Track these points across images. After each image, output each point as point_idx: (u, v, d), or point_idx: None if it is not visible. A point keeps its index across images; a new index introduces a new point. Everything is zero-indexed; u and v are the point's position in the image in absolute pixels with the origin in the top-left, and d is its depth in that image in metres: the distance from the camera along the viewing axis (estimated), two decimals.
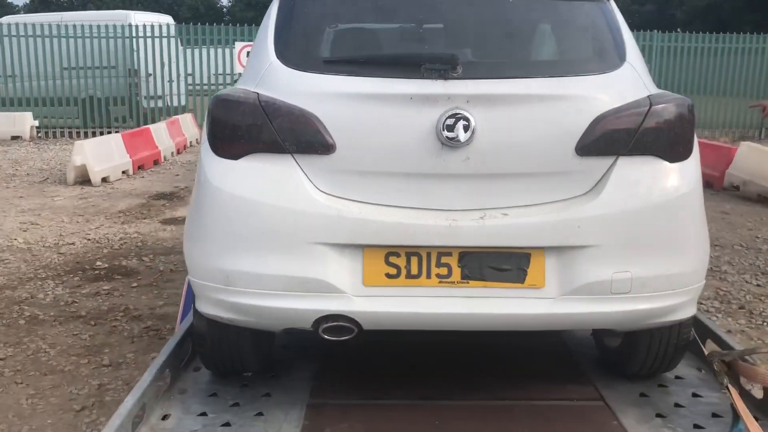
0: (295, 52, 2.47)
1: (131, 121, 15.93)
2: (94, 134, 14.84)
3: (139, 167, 11.08)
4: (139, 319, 4.68)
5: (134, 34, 15.83)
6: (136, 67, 15.92)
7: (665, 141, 2.38)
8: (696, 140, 2.53)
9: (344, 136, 2.32)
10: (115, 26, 15.76)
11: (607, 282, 2.32)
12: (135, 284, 5.45)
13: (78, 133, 15.70)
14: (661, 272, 2.37)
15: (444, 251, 2.32)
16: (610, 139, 2.34)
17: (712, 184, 9.66)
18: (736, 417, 2.35)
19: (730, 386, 2.45)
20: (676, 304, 2.44)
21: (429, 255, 2.32)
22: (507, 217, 2.31)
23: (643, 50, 16.42)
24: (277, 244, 2.31)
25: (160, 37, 15.94)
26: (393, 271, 2.32)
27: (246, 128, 2.35)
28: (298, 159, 2.34)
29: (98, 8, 52.98)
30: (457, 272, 2.32)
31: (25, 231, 7.19)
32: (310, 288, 2.29)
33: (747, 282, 5.68)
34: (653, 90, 2.47)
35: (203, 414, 2.57)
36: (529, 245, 2.31)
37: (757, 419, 2.50)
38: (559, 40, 2.62)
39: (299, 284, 2.30)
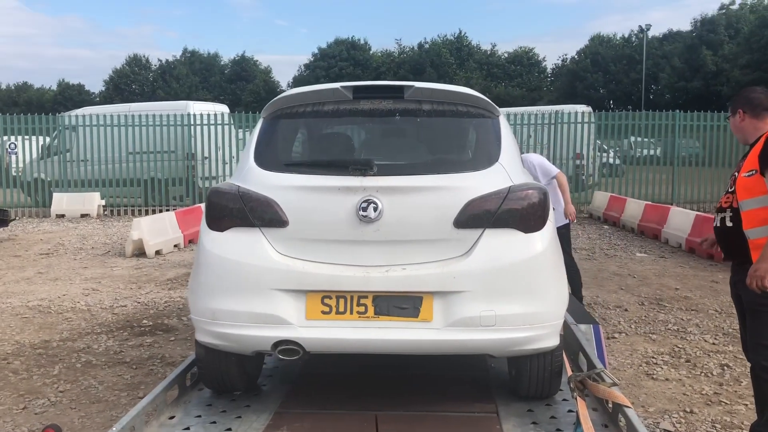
0: (266, 158, 3.57)
1: (188, 200, 17.39)
2: (154, 212, 16.19)
3: (189, 241, 12.33)
4: (172, 364, 5.72)
5: (192, 122, 17.53)
6: (193, 151, 17.53)
7: (519, 217, 3.34)
8: (549, 216, 3.47)
9: (294, 214, 3.37)
10: (176, 115, 17.51)
11: (477, 317, 3.25)
12: (173, 338, 6.54)
13: (140, 211, 17.23)
14: (519, 311, 3.29)
15: (362, 294, 3.30)
16: (477, 216, 3.31)
17: (713, 254, 10.26)
18: (578, 421, 3.20)
19: (578, 398, 3.31)
20: (536, 335, 3.34)
21: (352, 297, 3.30)
22: (405, 271, 3.29)
23: (666, 129, 17.32)
24: (246, 290, 3.33)
25: (215, 124, 17.60)
26: (326, 309, 3.30)
27: (228, 210, 3.43)
28: (264, 231, 3.39)
29: (167, 94, 56.69)
30: (371, 309, 3.29)
31: (86, 296, 8.43)
32: (268, 321, 3.30)
33: (705, 341, 6.38)
34: (518, 182, 3.44)
35: (198, 416, 3.56)
36: (420, 290, 3.28)
37: (605, 426, 3.35)
38: (448, 148, 3.66)
39: (262, 318, 3.30)
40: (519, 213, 3.34)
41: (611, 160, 18.77)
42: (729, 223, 3.55)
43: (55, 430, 2.89)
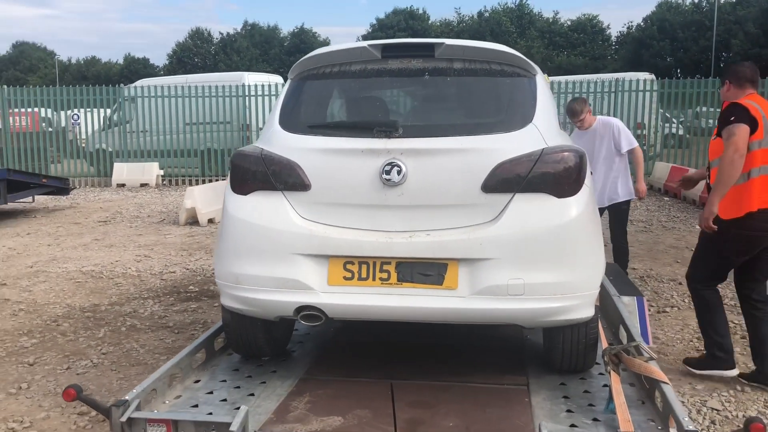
0: (290, 120, 3.49)
1: None
2: (210, 182, 16.49)
3: None
4: None
5: (247, 93, 17.66)
6: (248, 121, 17.70)
7: (552, 181, 3.16)
8: (586, 180, 3.28)
9: (317, 178, 3.28)
10: (231, 86, 17.67)
11: (504, 286, 3.11)
12: (216, 304, 6.59)
13: (197, 181, 17.55)
14: (549, 280, 3.13)
15: (385, 261, 3.20)
16: (507, 180, 3.16)
17: None
18: (611, 396, 3.05)
19: (611, 372, 3.14)
20: (568, 306, 3.18)
21: (375, 263, 3.21)
22: (429, 237, 3.17)
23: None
24: (269, 254, 3.28)
25: (270, 95, 17.68)
26: (348, 274, 3.22)
27: (251, 173, 3.36)
28: (286, 194, 3.31)
29: (227, 67, 57.40)
30: (394, 276, 3.19)
31: (138, 262, 8.60)
32: (291, 286, 3.24)
33: None
34: (552, 143, 3.26)
35: (224, 381, 3.55)
36: (444, 257, 3.16)
37: (642, 402, 3.18)
38: (479, 108, 3.49)
39: (283, 283, 3.24)
40: (552, 177, 3.17)
41: (675, 130, 18.03)
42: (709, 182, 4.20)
43: (75, 390, 2.91)
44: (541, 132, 3.28)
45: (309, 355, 3.96)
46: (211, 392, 3.40)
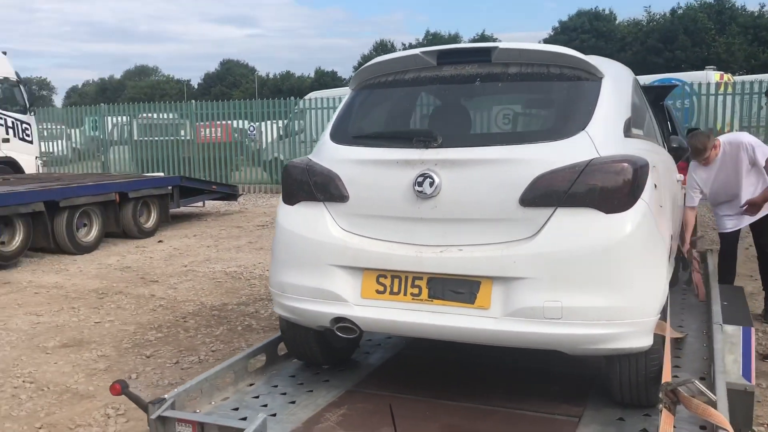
0: (340, 131, 3.49)
1: None
2: None
3: None
4: None
5: None
6: None
7: (598, 195, 2.87)
8: (645, 194, 2.94)
9: (355, 189, 3.25)
10: None
11: (540, 308, 2.87)
12: None
13: None
14: (592, 304, 2.84)
15: (417, 276, 3.09)
16: (547, 194, 2.91)
17: None
18: None
19: (663, 409, 2.79)
20: (615, 333, 2.87)
21: (407, 278, 3.11)
22: (461, 252, 3.01)
23: None
24: (308, 264, 3.30)
25: None
26: (381, 288, 3.15)
27: (297, 183, 3.41)
28: (327, 205, 3.32)
29: None
30: (425, 292, 3.07)
31: None
32: (326, 297, 3.23)
33: None
34: (606, 153, 2.96)
35: (275, 386, 3.62)
36: (476, 274, 2.98)
37: None
38: (529, 115, 3.25)
39: (320, 293, 3.25)
40: (598, 190, 2.88)
41: None
42: None
43: (121, 386, 3.11)
44: (595, 141, 3.00)
45: (370, 367, 3.93)
46: (257, 397, 3.48)
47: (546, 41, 62.08)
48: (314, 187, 3.34)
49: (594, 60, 3.32)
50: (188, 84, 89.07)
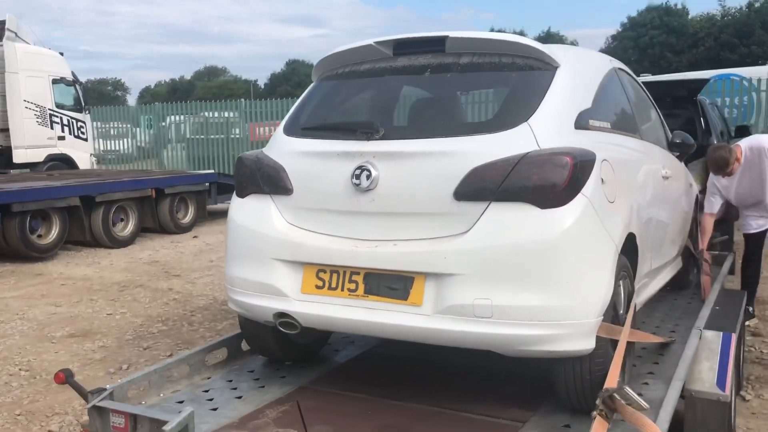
0: (293, 124, 3.44)
1: None
2: None
3: None
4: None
5: None
6: None
7: (532, 189, 2.72)
8: (587, 189, 2.77)
9: (299, 181, 3.19)
10: None
11: (470, 306, 2.75)
12: None
13: None
14: (524, 303, 2.70)
15: (354, 271, 3.00)
16: (481, 187, 2.78)
17: None
18: None
19: (597, 416, 2.62)
20: (549, 334, 2.72)
21: (345, 273, 3.03)
22: (396, 247, 2.91)
23: None
24: (253, 258, 3.26)
25: None
26: (320, 283, 3.08)
27: (247, 176, 3.37)
28: (273, 198, 3.27)
29: None
30: (361, 288, 2.98)
31: None
32: (269, 291, 3.18)
33: None
34: (547, 146, 2.81)
35: (229, 381, 3.59)
36: (409, 270, 2.87)
37: None
38: (474, 106, 3.12)
39: (263, 288, 3.20)
40: (532, 184, 2.73)
41: None
42: None
43: (65, 375, 3.14)
44: (536, 133, 2.85)
45: (332, 363, 3.86)
46: (207, 390, 3.46)
47: (614, 38, 60.53)
48: (261, 179, 3.30)
49: (550, 49, 3.16)
50: (255, 84, 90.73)
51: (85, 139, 16.56)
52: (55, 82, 15.53)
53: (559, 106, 2.99)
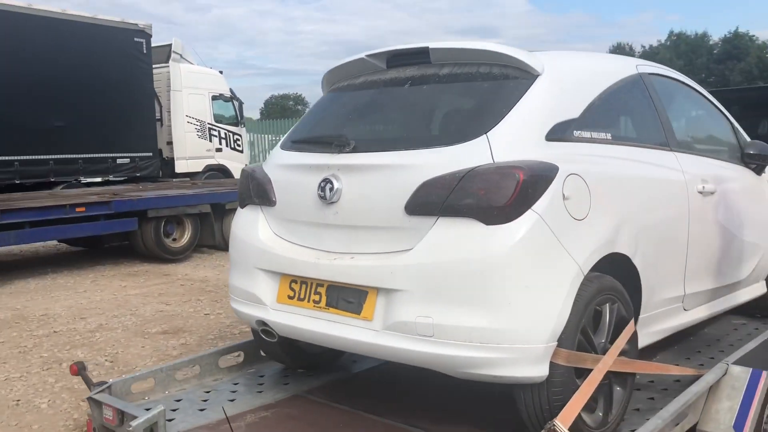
0: (287, 137, 3.55)
1: None
2: None
3: None
4: None
5: None
6: None
7: (476, 204, 2.60)
8: (539, 206, 2.59)
9: (280, 193, 3.28)
10: None
11: (412, 323, 2.67)
12: None
13: None
14: (465, 323, 2.58)
15: (319, 283, 3.03)
16: (428, 202, 2.70)
17: None
18: None
19: None
20: (492, 358, 2.57)
21: (311, 284, 3.06)
22: (352, 260, 2.90)
23: None
24: (243, 267, 3.39)
25: None
26: (292, 293, 3.14)
27: (244, 188, 3.51)
28: (262, 209, 3.38)
29: None
30: (324, 300, 3.00)
31: None
32: (252, 299, 3.29)
33: None
34: (503, 159, 2.67)
35: (236, 384, 3.75)
36: (363, 284, 2.85)
37: None
38: (440, 117, 3.02)
39: (249, 296, 3.32)
40: (477, 199, 2.61)
41: None
42: None
43: (78, 367, 3.45)
44: (493, 146, 2.71)
45: (342, 374, 3.88)
46: (209, 392, 3.63)
47: None
48: (253, 191, 3.43)
49: (533, 57, 2.99)
50: None
51: (241, 151, 17.79)
52: (214, 98, 16.84)
53: (528, 116, 2.82)
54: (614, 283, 2.92)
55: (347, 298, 2.92)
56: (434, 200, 2.69)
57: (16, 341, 6.24)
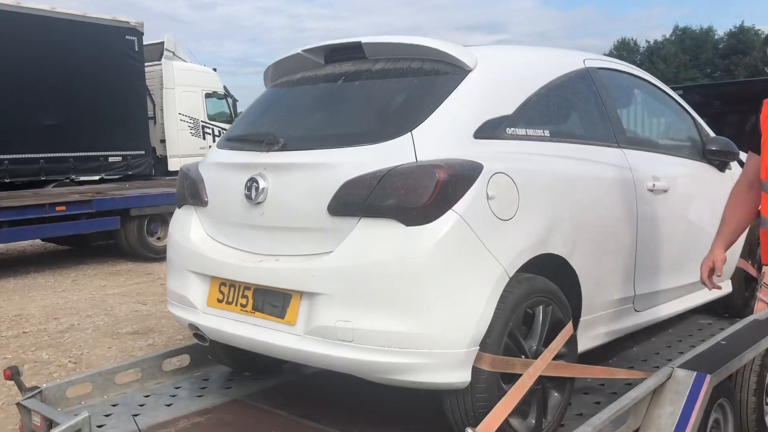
0: (224, 135, 3.46)
1: None
2: None
3: None
4: None
5: None
6: None
7: (396, 205, 2.50)
8: (460, 206, 2.50)
9: (212, 193, 3.19)
10: None
11: (333, 328, 2.58)
12: None
13: None
14: (384, 328, 2.49)
15: (246, 286, 2.94)
16: (349, 203, 2.61)
17: None
18: None
19: None
20: (410, 363, 2.49)
21: (239, 287, 2.98)
22: (277, 263, 2.81)
23: None
24: (176, 269, 3.30)
25: None
26: (221, 297, 3.05)
27: (179, 187, 3.43)
28: (196, 210, 3.29)
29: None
30: (251, 303, 2.91)
31: None
32: (184, 302, 3.21)
33: None
34: (426, 158, 2.58)
35: (178, 387, 3.66)
36: (286, 287, 2.76)
37: None
38: (366, 115, 2.93)
39: (182, 299, 3.24)
40: (396, 199, 2.52)
41: None
42: None
43: (11, 372, 3.38)
44: (417, 144, 2.62)
45: (290, 378, 3.79)
46: (148, 396, 3.55)
47: None
48: (187, 191, 3.35)
49: (465, 51, 2.90)
50: None
51: None
52: (207, 96, 16.77)
53: (456, 113, 2.73)
54: (548, 285, 2.82)
55: (272, 301, 2.84)
56: (355, 201, 2.61)
57: None
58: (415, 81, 2.89)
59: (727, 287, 4.41)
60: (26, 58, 11.93)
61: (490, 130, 2.78)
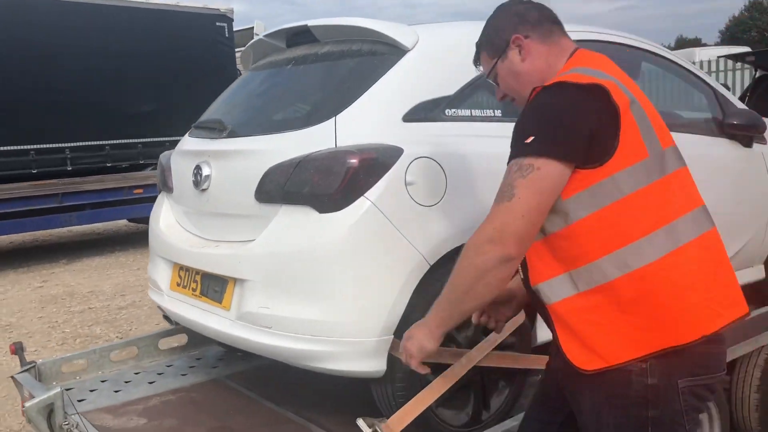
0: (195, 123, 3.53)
1: None
2: None
3: None
4: None
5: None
6: None
7: (309, 192, 2.48)
8: (373, 193, 2.43)
9: (176, 180, 3.28)
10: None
11: (255, 314, 2.60)
12: None
13: None
14: (298, 315, 2.48)
15: (196, 271, 3.01)
16: (270, 190, 2.61)
17: None
18: None
19: None
20: (323, 351, 2.47)
21: (191, 272, 3.05)
22: (216, 249, 2.86)
23: None
24: (151, 254, 3.43)
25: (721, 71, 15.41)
26: (179, 281, 3.14)
27: (158, 174, 3.54)
28: (166, 196, 3.40)
29: None
30: (199, 288, 2.98)
31: None
32: (155, 285, 3.33)
33: None
34: (346, 143, 2.52)
35: (169, 366, 3.81)
36: (221, 273, 2.81)
37: None
38: (298, 100, 2.89)
39: (153, 282, 3.36)
40: (309, 186, 2.49)
41: None
42: None
43: (16, 347, 3.64)
44: (338, 129, 2.56)
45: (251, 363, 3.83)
46: (138, 373, 3.72)
47: None
48: (159, 178, 3.46)
49: (404, 31, 2.80)
50: None
51: None
52: None
53: (384, 96, 2.64)
54: None
55: (214, 287, 2.90)
56: (275, 188, 2.60)
57: (51, 317, 6.70)
58: (351, 63, 2.83)
59: (759, 273, 4.06)
60: (124, 49, 12.60)
61: (423, 112, 2.67)
